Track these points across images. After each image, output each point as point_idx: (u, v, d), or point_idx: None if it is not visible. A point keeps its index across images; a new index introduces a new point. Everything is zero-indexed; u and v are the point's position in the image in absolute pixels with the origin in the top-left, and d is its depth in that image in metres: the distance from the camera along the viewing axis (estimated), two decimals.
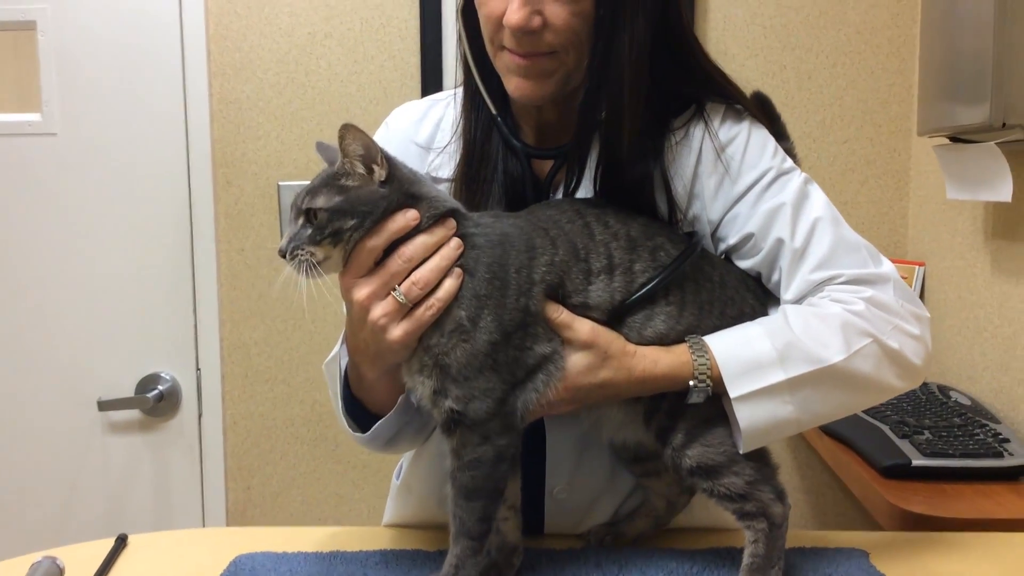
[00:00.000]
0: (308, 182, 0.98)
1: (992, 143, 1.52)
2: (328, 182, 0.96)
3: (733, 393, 0.99)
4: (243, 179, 2.29)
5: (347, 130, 0.93)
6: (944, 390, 1.86)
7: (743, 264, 1.11)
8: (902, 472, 1.49)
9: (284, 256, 0.96)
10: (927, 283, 2.11)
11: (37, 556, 1.07)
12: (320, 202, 0.94)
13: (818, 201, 1.10)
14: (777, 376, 0.99)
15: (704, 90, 1.14)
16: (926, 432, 1.59)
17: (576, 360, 0.99)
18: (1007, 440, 1.55)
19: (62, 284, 2.26)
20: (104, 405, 2.25)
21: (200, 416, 2.33)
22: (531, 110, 1.15)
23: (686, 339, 1.03)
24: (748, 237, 1.09)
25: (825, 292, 1.05)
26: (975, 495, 1.43)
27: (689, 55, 1.12)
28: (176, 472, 2.34)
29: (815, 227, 1.07)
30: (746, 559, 1.02)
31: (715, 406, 1.03)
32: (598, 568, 1.07)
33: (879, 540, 1.17)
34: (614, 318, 1.02)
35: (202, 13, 2.24)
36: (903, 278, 1.10)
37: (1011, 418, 1.71)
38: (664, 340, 1.02)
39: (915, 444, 1.54)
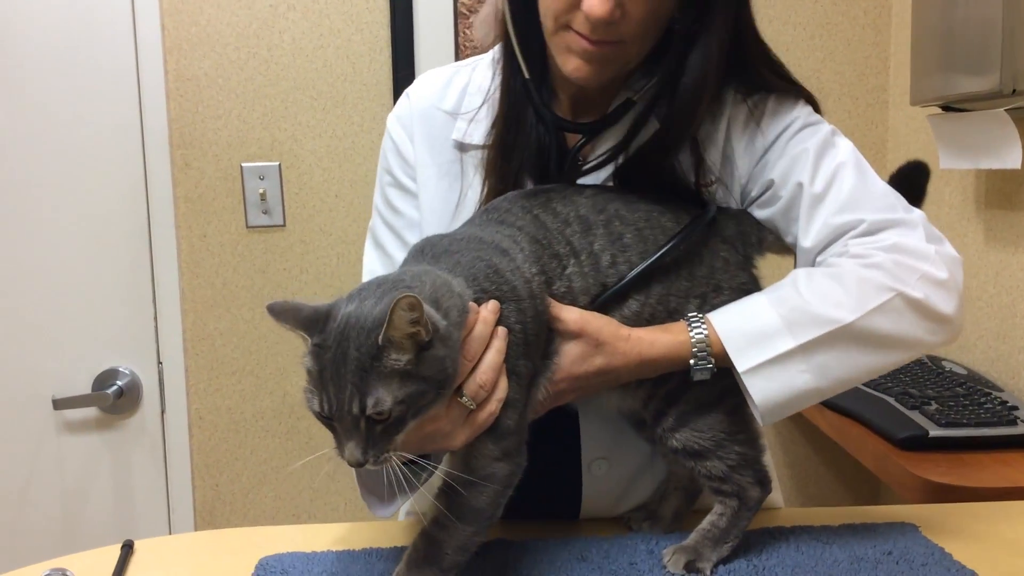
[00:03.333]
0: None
1: (1001, 110, 1.50)
2: (371, 368, 0.80)
3: (741, 367, 0.96)
4: (203, 161, 2.17)
5: (402, 302, 0.78)
6: (936, 360, 1.86)
7: (761, 214, 1.09)
8: (919, 443, 1.48)
9: (362, 467, 0.82)
10: None
11: (43, 568, 0.99)
12: (387, 400, 0.79)
13: (844, 148, 1.08)
14: (787, 344, 0.96)
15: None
16: (933, 403, 1.58)
17: (568, 350, 0.96)
18: (1016, 407, 1.55)
19: (10, 275, 2.11)
20: (59, 403, 2.11)
21: (163, 412, 2.21)
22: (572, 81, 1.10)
23: (686, 316, 1.00)
24: (768, 184, 1.07)
25: (843, 247, 1.02)
26: (994, 463, 1.43)
27: (755, 60, 1.10)
28: (138, 472, 2.21)
29: (837, 171, 1.05)
30: (705, 524, 1.02)
31: (714, 391, 1.00)
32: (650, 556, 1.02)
33: (919, 513, 1.15)
34: (599, 304, 0.99)
35: None
36: None
37: (1013, 385, 1.71)
38: (640, 314, 1.00)
39: (926, 415, 1.53)
